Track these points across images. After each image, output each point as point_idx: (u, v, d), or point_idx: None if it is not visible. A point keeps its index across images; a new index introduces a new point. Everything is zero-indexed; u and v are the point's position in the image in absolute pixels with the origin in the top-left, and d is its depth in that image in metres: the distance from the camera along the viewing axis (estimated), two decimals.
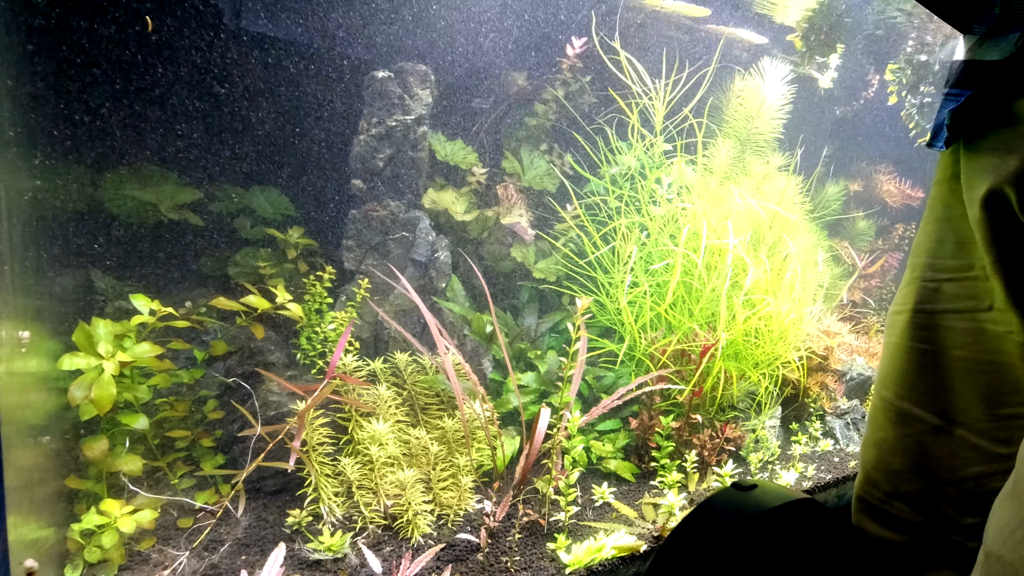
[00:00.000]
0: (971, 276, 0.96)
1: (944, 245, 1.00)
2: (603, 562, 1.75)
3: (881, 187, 4.47)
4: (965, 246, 0.97)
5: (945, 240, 1.00)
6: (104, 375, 1.62)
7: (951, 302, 0.99)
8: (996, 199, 0.88)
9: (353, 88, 2.51)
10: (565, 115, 2.97)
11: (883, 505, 1.06)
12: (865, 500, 1.10)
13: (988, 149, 0.93)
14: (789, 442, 2.72)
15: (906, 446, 1.03)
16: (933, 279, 1.01)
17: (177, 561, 1.67)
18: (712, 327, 2.57)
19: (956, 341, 0.98)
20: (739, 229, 2.60)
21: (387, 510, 1.93)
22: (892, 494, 1.05)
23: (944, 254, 1.00)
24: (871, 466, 1.09)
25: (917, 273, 1.04)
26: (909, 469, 1.03)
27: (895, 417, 1.04)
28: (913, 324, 1.02)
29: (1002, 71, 0.91)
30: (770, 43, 3.59)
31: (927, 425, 1.00)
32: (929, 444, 1.00)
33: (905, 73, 4.11)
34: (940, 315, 1.00)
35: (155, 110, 2.15)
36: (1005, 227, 0.88)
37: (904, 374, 1.03)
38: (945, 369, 0.99)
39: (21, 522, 1.22)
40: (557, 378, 2.51)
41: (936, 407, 1.00)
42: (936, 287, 1.01)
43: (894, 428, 1.04)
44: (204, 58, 2.20)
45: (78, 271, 2.02)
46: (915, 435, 1.02)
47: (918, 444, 1.01)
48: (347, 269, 2.46)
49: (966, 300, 0.97)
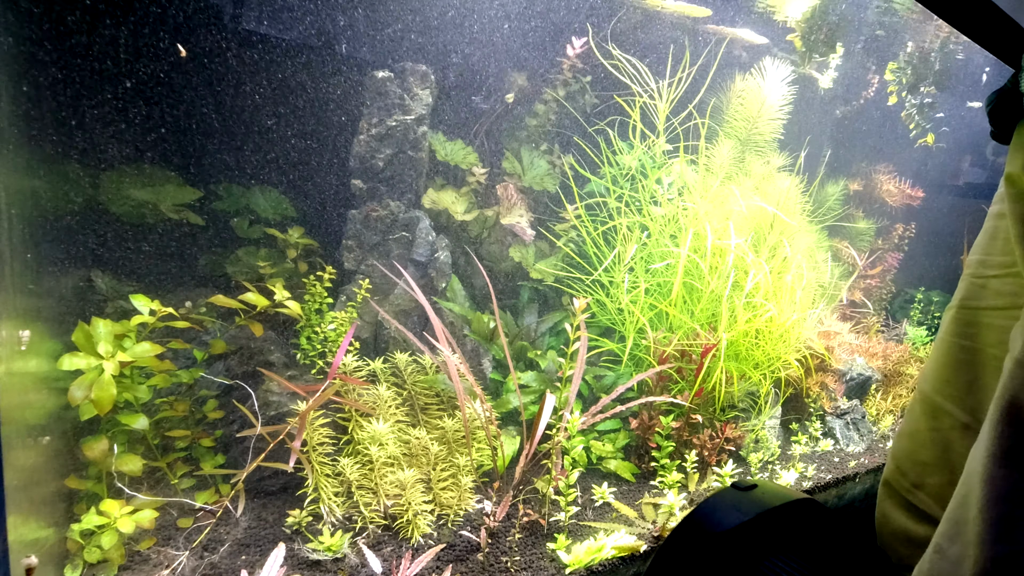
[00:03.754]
0: (1013, 272, 0.96)
1: (995, 241, 1.00)
2: (603, 562, 1.75)
3: (881, 187, 4.47)
4: (1011, 243, 0.96)
5: (997, 236, 1.00)
6: (104, 375, 1.62)
7: (995, 299, 0.98)
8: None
9: (353, 88, 2.51)
10: (565, 115, 2.97)
11: (908, 495, 1.07)
12: (892, 487, 1.11)
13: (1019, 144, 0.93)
14: (789, 442, 2.72)
15: (934, 439, 1.03)
16: (982, 275, 1.01)
17: (177, 561, 1.67)
18: (713, 327, 2.57)
19: (994, 339, 0.97)
20: (740, 229, 2.60)
21: (387, 510, 1.93)
22: (918, 485, 1.06)
23: (994, 250, 1.00)
24: (902, 455, 1.10)
25: (970, 270, 1.04)
26: (935, 462, 1.03)
27: (928, 410, 1.05)
28: (957, 320, 1.03)
29: None
30: (770, 43, 3.59)
31: (956, 421, 1.01)
32: (956, 440, 1.01)
33: (905, 73, 4.11)
34: (983, 312, 0.99)
35: (155, 109, 2.15)
36: None
37: (943, 368, 1.04)
38: (980, 367, 0.99)
39: (21, 522, 1.22)
40: (557, 378, 2.51)
41: (967, 404, 1.00)
42: (983, 284, 1.00)
43: (926, 420, 1.05)
44: (204, 58, 2.20)
45: (78, 271, 2.02)
46: (944, 429, 1.02)
47: (945, 439, 1.02)
48: (347, 269, 2.46)
49: (1006, 297, 0.96)
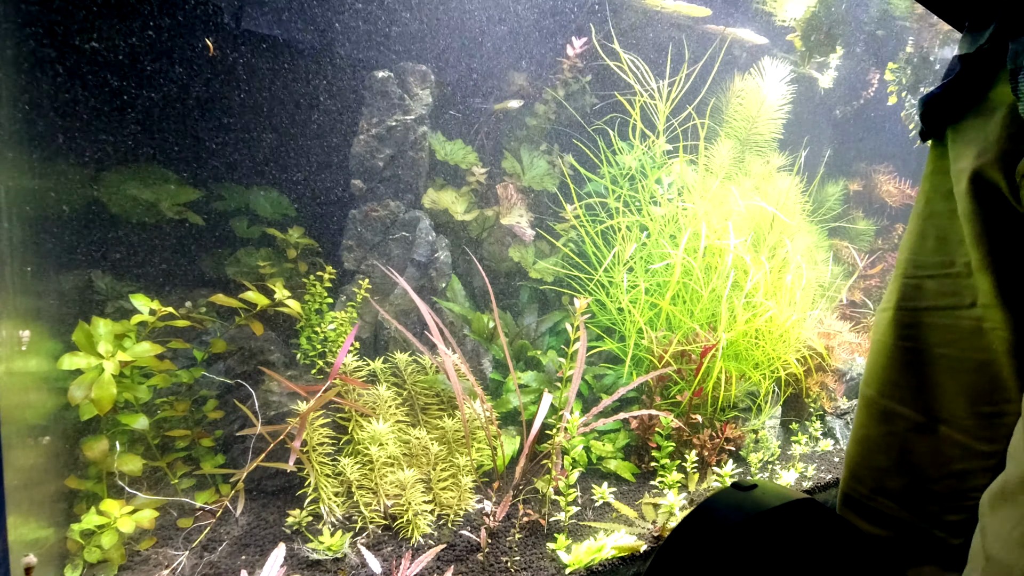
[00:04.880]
0: (952, 273, 0.96)
1: (926, 241, 1.00)
2: (603, 562, 1.75)
3: (881, 187, 4.47)
4: (946, 242, 0.96)
5: (927, 236, 1.00)
6: (104, 375, 1.62)
7: (933, 299, 0.98)
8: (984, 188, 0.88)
9: (353, 88, 2.51)
10: (565, 115, 2.97)
11: (868, 501, 1.07)
12: (850, 496, 1.11)
13: (967, 141, 0.93)
14: (789, 442, 2.72)
15: (890, 443, 1.03)
16: (915, 276, 1.01)
17: (177, 561, 1.67)
18: (712, 327, 2.57)
19: (939, 339, 0.97)
20: (740, 229, 2.60)
21: (387, 510, 1.93)
22: (876, 490, 1.05)
23: (926, 251, 1.00)
24: (855, 463, 1.09)
25: (901, 270, 1.04)
26: (893, 466, 1.03)
27: (878, 415, 1.04)
28: (896, 322, 1.02)
29: (978, 62, 0.91)
30: (770, 43, 3.59)
31: (911, 423, 1.00)
32: (913, 441, 1.00)
33: (905, 73, 4.11)
34: (923, 312, 0.99)
35: (156, 110, 2.15)
36: (996, 219, 0.88)
37: (888, 372, 1.03)
38: (929, 367, 0.98)
39: (21, 522, 1.22)
40: (557, 378, 2.51)
41: (920, 405, 1.00)
42: (918, 284, 1.00)
43: (877, 426, 1.04)
44: (205, 58, 2.20)
45: (78, 271, 2.02)
46: (899, 432, 1.02)
47: (902, 441, 1.01)
48: (347, 269, 2.46)
49: (948, 297, 0.96)
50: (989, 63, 0.90)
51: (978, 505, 0.81)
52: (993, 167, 0.86)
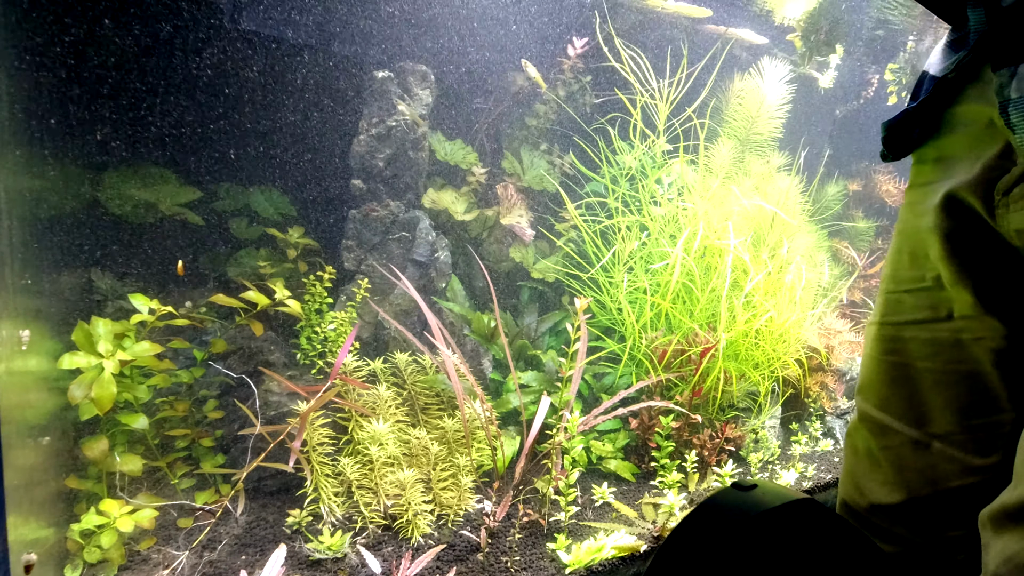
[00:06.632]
0: (924, 287, 0.95)
1: (901, 256, 0.99)
2: (603, 562, 1.76)
3: (881, 187, 4.47)
4: (917, 258, 0.96)
5: (902, 251, 1.00)
6: (104, 374, 1.62)
7: (911, 313, 0.97)
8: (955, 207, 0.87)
9: (353, 88, 2.51)
10: (565, 115, 2.97)
11: (867, 515, 1.05)
12: (850, 507, 1.10)
13: (935, 160, 0.94)
14: (789, 442, 2.72)
15: (886, 458, 1.01)
16: (895, 291, 1.01)
17: (177, 561, 1.67)
18: (712, 327, 2.57)
19: (921, 352, 0.96)
20: (740, 229, 2.60)
21: (387, 510, 1.93)
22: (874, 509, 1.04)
23: (902, 265, 0.99)
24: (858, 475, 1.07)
25: (883, 285, 1.04)
26: (890, 482, 1.02)
27: (876, 429, 1.03)
28: (881, 336, 1.01)
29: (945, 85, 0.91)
30: (770, 43, 3.59)
31: (905, 437, 0.99)
32: (908, 457, 0.99)
33: (905, 73, 4.11)
34: (904, 327, 0.98)
35: (155, 110, 2.15)
36: (967, 234, 0.87)
37: (879, 386, 1.02)
38: (915, 382, 0.97)
39: (21, 522, 1.22)
40: (557, 377, 2.51)
41: (912, 420, 0.98)
42: (898, 299, 1.00)
43: (876, 439, 1.03)
44: (204, 58, 2.20)
45: (78, 271, 2.02)
46: (894, 447, 1.00)
47: (897, 456, 1.00)
48: (347, 269, 2.46)
49: (924, 310, 0.95)
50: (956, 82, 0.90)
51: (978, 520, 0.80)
52: (966, 188, 0.86)
